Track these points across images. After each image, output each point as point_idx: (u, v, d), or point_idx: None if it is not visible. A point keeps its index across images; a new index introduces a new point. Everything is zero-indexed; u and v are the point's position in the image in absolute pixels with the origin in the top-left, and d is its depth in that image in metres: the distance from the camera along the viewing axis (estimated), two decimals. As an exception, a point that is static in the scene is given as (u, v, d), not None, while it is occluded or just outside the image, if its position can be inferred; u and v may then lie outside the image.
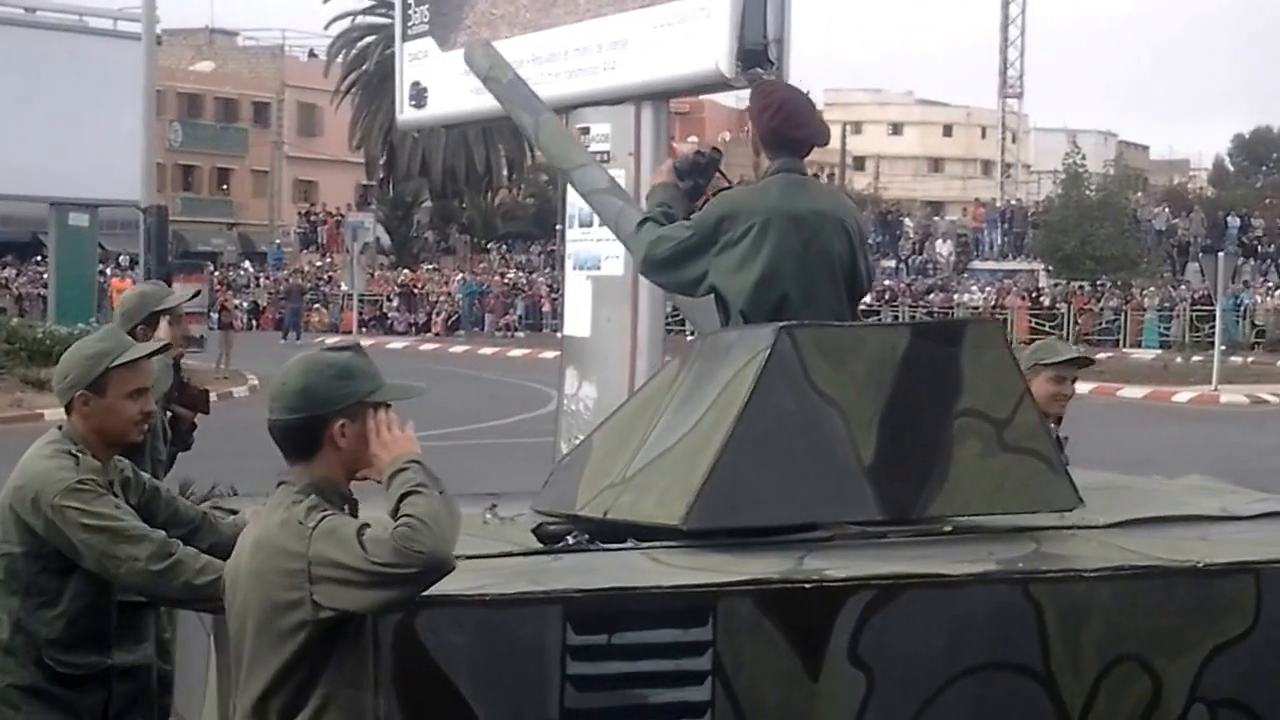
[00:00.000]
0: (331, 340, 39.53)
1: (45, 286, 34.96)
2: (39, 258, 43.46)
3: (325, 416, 3.30)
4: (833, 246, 4.65)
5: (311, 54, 65.37)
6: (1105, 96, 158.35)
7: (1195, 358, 30.91)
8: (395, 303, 45.83)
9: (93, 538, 3.82)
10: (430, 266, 51.28)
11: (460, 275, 48.17)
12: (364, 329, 42.36)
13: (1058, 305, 37.92)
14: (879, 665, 3.83)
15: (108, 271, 41.82)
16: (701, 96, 42.77)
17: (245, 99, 65.12)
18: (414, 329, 44.19)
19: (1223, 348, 28.91)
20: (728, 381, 4.31)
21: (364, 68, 53.95)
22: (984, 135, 68.73)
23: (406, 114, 10.40)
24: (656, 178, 4.82)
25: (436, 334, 43.27)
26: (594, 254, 8.35)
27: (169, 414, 5.24)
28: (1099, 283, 39.62)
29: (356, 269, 42.85)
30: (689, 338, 39.54)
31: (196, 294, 9.40)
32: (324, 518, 3.19)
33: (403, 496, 3.16)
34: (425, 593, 3.32)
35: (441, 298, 45.96)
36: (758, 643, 3.74)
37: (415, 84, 10.19)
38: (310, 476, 3.32)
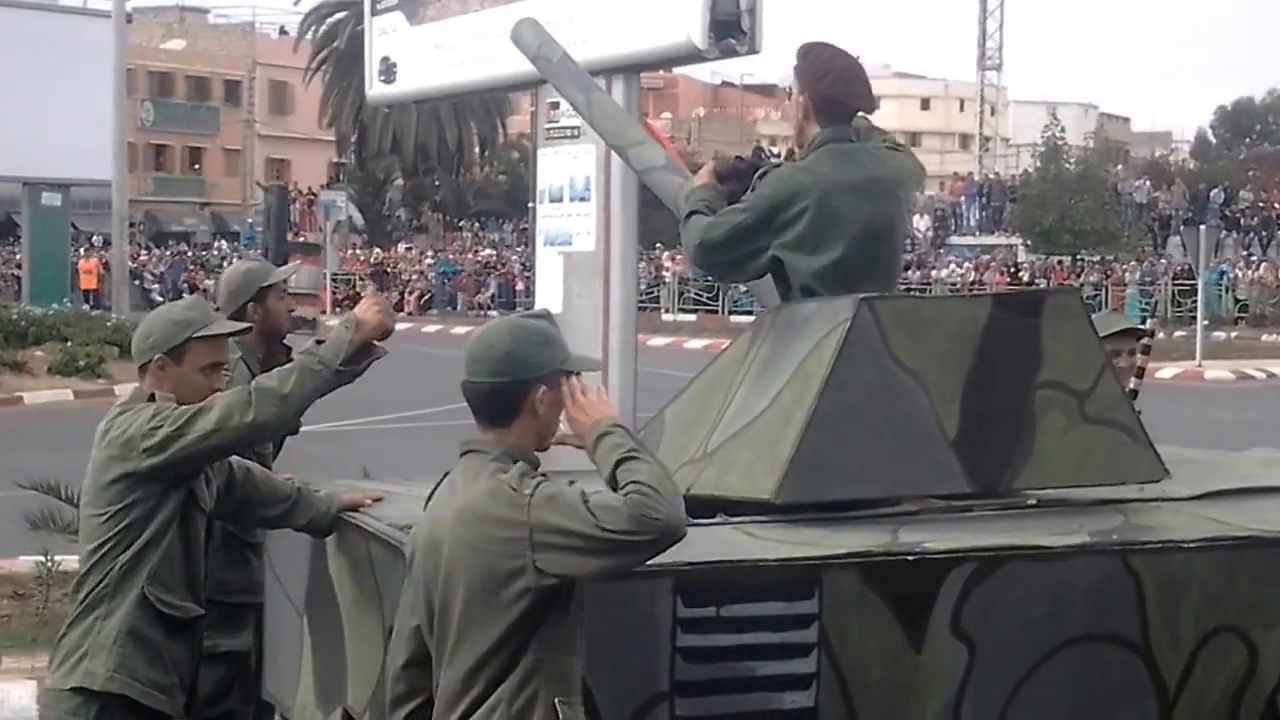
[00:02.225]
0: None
1: (19, 267, 34.59)
2: (12, 238, 43.07)
3: (529, 382, 3.30)
4: (890, 213, 4.61)
5: (282, 31, 65.00)
6: (1086, 68, 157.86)
7: (1178, 333, 30.89)
8: (368, 282, 45.63)
9: (184, 428, 3.89)
10: (404, 246, 51.09)
11: (432, 253, 47.95)
12: (338, 309, 42.09)
13: (1037, 281, 37.71)
14: (981, 637, 3.83)
15: (81, 251, 41.48)
16: (675, 71, 42.67)
17: (216, 77, 64.72)
18: (388, 308, 43.93)
19: (1205, 322, 28.97)
20: (806, 354, 4.25)
21: (335, 44, 53.69)
22: (962, 108, 68.16)
23: (376, 89, 10.36)
24: (696, 180, 4.76)
25: (410, 313, 43.02)
26: (565, 230, 8.29)
27: None
28: (1079, 257, 39.39)
29: (330, 248, 42.70)
30: (663, 315, 38.69)
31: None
32: (539, 484, 3.18)
33: (619, 462, 3.15)
34: None
35: (414, 277, 45.78)
36: (862, 615, 3.74)
37: (384, 59, 10.13)
38: (504, 444, 3.30)
